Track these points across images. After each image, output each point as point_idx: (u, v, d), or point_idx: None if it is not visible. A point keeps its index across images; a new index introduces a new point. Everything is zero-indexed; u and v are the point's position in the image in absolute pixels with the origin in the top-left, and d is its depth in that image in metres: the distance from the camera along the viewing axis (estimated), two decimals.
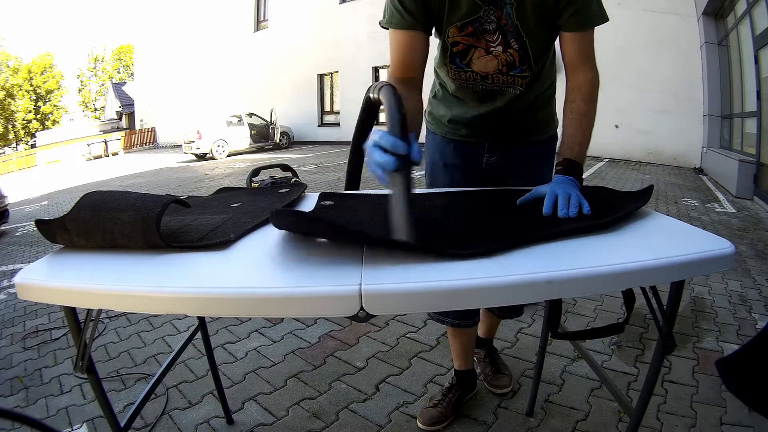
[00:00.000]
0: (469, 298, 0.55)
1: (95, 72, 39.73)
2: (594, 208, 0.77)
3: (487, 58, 0.95)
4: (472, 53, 0.96)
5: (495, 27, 0.91)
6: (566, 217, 0.74)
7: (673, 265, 0.57)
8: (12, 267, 3.49)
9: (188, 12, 17.99)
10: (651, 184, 0.86)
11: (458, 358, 1.39)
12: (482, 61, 0.96)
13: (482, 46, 0.94)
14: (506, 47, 0.94)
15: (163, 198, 0.70)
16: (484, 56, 0.95)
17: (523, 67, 0.97)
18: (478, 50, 0.95)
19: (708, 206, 4.23)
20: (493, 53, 0.94)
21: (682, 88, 6.99)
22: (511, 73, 0.97)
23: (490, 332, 1.55)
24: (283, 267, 0.59)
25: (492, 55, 0.95)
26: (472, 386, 1.43)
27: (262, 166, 1.32)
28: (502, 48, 0.94)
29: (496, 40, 0.93)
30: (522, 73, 0.98)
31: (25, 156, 23.10)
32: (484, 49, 0.94)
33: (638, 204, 0.78)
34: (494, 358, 1.54)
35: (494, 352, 1.57)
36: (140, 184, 8.19)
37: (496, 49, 0.94)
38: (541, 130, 1.15)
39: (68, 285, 0.60)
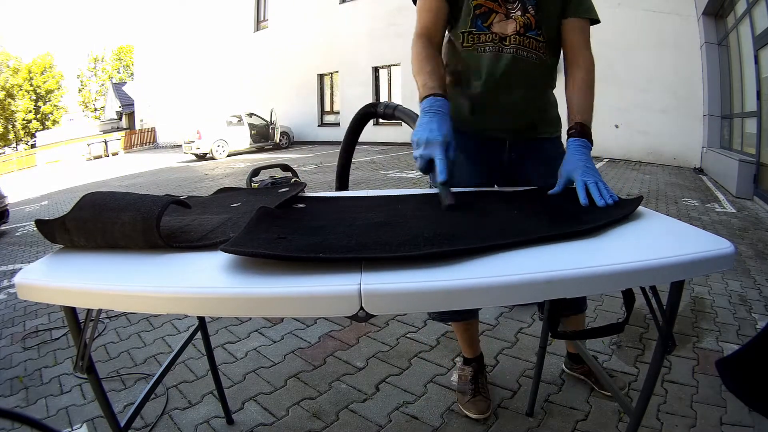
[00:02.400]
0: (469, 298, 0.55)
1: (95, 72, 39.75)
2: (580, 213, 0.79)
3: (507, 21, 1.06)
4: (493, 17, 1.07)
5: None
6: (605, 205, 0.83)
7: (673, 265, 0.58)
8: (12, 267, 3.49)
9: (188, 12, 18.00)
10: (641, 195, 0.89)
11: (470, 347, 1.45)
12: (502, 24, 1.06)
13: (503, 11, 1.06)
14: (524, 12, 1.05)
15: (163, 198, 0.70)
16: (504, 20, 1.06)
17: (538, 30, 1.06)
18: (498, 15, 1.06)
19: (708, 206, 4.23)
20: (513, 17, 1.06)
21: (682, 88, 6.99)
22: (528, 35, 1.06)
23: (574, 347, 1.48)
24: (283, 267, 0.59)
25: (512, 18, 1.06)
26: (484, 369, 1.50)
27: (262, 166, 1.32)
28: (521, 12, 1.05)
29: (516, 6, 1.05)
30: (537, 36, 1.07)
31: (25, 156, 23.11)
32: (504, 14, 1.06)
33: (625, 211, 0.78)
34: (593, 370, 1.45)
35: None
36: (140, 184, 8.19)
37: (515, 13, 1.06)
38: (551, 124, 1.20)
39: (68, 285, 0.60)
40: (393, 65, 11.87)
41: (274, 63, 14.75)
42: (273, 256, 0.59)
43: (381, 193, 1.03)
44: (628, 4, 7.25)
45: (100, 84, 39.31)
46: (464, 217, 0.80)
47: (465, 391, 1.40)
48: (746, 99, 5.38)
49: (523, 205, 0.88)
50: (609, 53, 7.57)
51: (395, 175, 6.48)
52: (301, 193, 1.04)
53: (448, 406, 1.41)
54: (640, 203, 0.83)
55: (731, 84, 6.12)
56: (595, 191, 0.85)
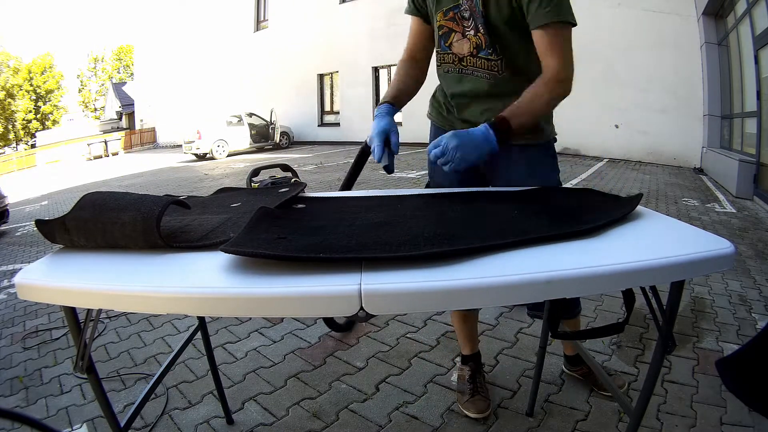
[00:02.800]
0: (468, 298, 0.55)
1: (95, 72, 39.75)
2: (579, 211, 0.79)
3: (463, 41, 1.11)
4: (453, 37, 1.12)
5: (469, 14, 1.07)
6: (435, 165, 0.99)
7: (673, 265, 0.58)
8: (12, 267, 3.49)
9: (188, 12, 17.99)
10: (640, 192, 0.89)
11: (470, 341, 1.45)
12: (459, 44, 1.12)
13: (459, 31, 1.10)
14: (476, 31, 1.08)
15: (163, 198, 0.70)
16: (461, 39, 1.11)
17: (489, 50, 1.08)
18: (456, 34, 1.11)
19: (708, 206, 4.23)
20: (467, 36, 1.10)
21: (682, 88, 6.99)
22: (480, 56, 1.10)
23: (572, 349, 1.50)
24: (283, 267, 0.59)
25: (466, 38, 1.10)
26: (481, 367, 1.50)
27: (262, 166, 1.32)
28: (473, 31, 1.09)
29: (470, 25, 1.08)
30: (488, 55, 1.09)
31: (25, 156, 23.11)
32: (461, 33, 1.10)
33: (625, 210, 0.78)
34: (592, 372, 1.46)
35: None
36: (140, 184, 8.19)
37: (469, 32, 1.09)
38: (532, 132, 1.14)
39: (68, 285, 0.60)
40: (393, 65, 11.78)
41: (274, 63, 14.75)
42: (273, 256, 0.59)
43: (381, 193, 1.03)
44: (628, 4, 7.24)
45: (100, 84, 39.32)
46: (464, 217, 0.80)
47: (464, 390, 1.40)
48: (746, 99, 5.38)
49: (523, 205, 0.88)
50: (609, 53, 7.58)
51: (395, 175, 6.49)
52: (301, 193, 1.04)
53: (448, 406, 1.41)
54: (639, 201, 0.83)
55: (731, 84, 6.12)
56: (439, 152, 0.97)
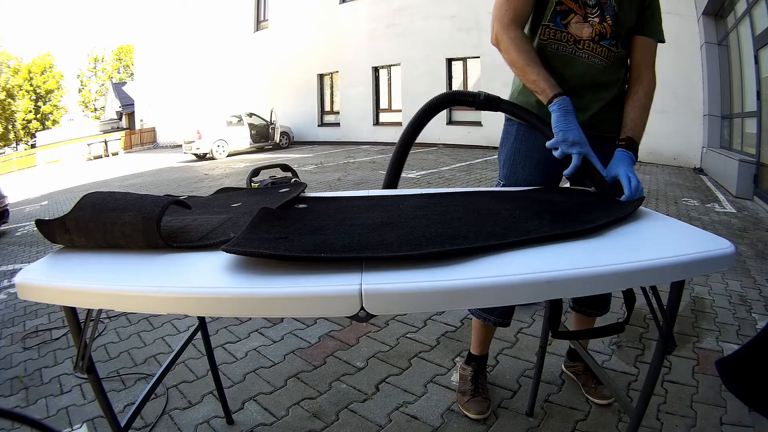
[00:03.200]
0: (469, 298, 0.55)
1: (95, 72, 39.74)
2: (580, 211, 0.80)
3: (584, 24, 1.09)
4: (572, 17, 1.10)
5: (595, 2, 1.08)
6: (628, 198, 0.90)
7: (673, 265, 0.58)
8: (12, 267, 3.49)
9: (188, 12, 17.98)
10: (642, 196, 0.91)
11: (481, 344, 1.45)
12: (579, 26, 1.09)
13: (581, 14, 1.09)
14: (602, 20, 1.08)
15: (164, 198, 0.70)
16: (581, 22, 1.09)
17: (612, 41, 1.09)
18: (577, 16, 1.09)
19: (708, 206, 4.23)
20: (590, 22, 1.09)
21: (682, 88, 6.98)
22: (602, 43, 1.09)
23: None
24: (283, 267, 0.59)
25: (589, 23, 1.09)
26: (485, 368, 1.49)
27: (262, 166, 1.32)
28: (599, 20, 1.08)
29: (595, 12, 1.08)
30: (610, 45, 1.10)
31: (25, 156, 23.09)
32: (582, 17, 1.09)
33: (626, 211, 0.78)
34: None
35: None
36: (140, 184, 8.19)
37: (593, 19, 1.09)
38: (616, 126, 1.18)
39: (68, 285, 0.60)
40: (393, 65, 11.86)
41: (274, 63, 14.74)
42: (274, 256, 0.59)
43: (382, 193, 1.03)
44: None
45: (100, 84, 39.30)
46: (466, 217, 0.80)
47: (465, 391, 1.40)
48: (746, 99, 5.37)
49: (525, 205, 0.88)
50: None
51: None
52: (302, 193, 1.04)
53: (448, 406, 1.41)
54: (641, 203, 0.83)
55: (731, 84, 6.12)
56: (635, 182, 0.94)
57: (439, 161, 7.86)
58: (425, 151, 9.51)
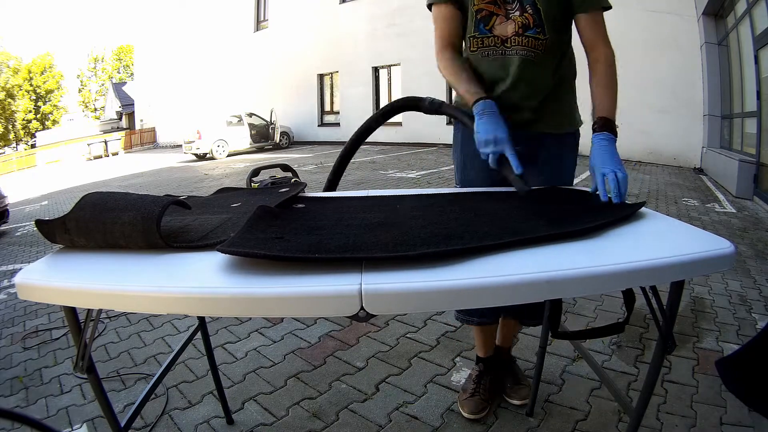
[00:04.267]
0: (469, 298, 0.55)
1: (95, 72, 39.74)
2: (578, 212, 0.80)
3: (506, 22, 1.09)
4: (494, 20, 1.10)
5: None
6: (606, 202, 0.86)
7: (673, 265, 0.57)
8: (12, 267, 3.49)
9: (188, 12, 17.98)
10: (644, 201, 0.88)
11: (482, 347, 1.44)
12: (502, 26, 1.09)
13: (502, 14, 1.08)
14: (522, 11, 1.07)
15: (164, 199, 0.70)
16: (504, 22, 1.09)
17: (537, 29, 1.07)
18: (499, 17, 1.09)
19: (708, 206, 4.23)
20: (512, 17, 1.08)
21: (682, 88, 6.99)
22: (527, 34, 1.08)
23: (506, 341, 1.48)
24: (283, 267, 0.59)
25: (511, 19, 1.08)
26: (498, 366, 1.46)
27: (262, 166, 1.32)
28: (519, 12, 1.07)
29: (515, 7, 1.07)
30: (536, 34, 1.08)
31: (25, 156, 23.10)
32: (504, 15, 1.08)
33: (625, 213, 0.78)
34: (513, 368, 1.48)
35: (512, 362, 1.50)
36: (140, 184, 8.19)
37: (514, 14, 1.08)
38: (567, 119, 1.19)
39: (68, 285, 0.60)
40: (393, 65, 11.87)
41: (274, 63, 14.74)
42: (269, 257, 0.59)
43: (380, 194, 1.03)
44: (628, 4, 7.23)
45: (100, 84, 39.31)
46: (462, 217, 0.80)
47: (466, 388, 1.41)
48: (746, 99, 5.38)
49: (523, 205, 0.88)
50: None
51: (395, 175, 6.49)
52: (302, 193, 1.04)
53: (448, 406, 1.41)
54: (641, 207, 0.83)
55: (731, 84, 6.12)
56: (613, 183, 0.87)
57: (439, 161, 7.86)
58: (425, 151, 9.51)
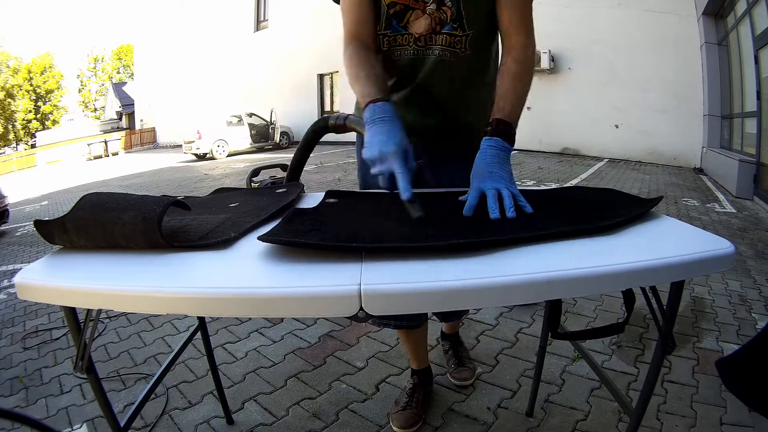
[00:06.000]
0: (468, 298, 0.55)
1: (95, 72, 39.77)
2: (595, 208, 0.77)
3: (422, 18, 0.96)
4: (410, 15, 0.96)
5: None
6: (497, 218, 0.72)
7: (673, 265, 0.57)
8: (12, 267, 3.49)
9: (188, 12, 17.99)
10: (661, 195, 0.84)
11: (414, 357, 1.41)
12: (417, 23, 0.96)
13: (420, 8, 0.95)
14: (440, 5, 0.95)
15: (164, 199, 0.70)
16: (421, 17, 0.96)
17: (454, 24, 0.95)
18: (415, 12, 0.96)
19: (708, 206, 4.23)
20: (428, 12, 0.95)
21: (682, 88, 6.99)
22: (443, 31, 0.96)
23: (450, 328, 1.59)
24: (283, 267, 0.59)
25: (427, 14, 0.96)
26: (431, 382, 1.47)
27: (262, 166, 1.32)
28: (436, 6, 0.95)
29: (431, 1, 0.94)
30: (453, 30, 0.96)
31: (25, 156, 23.11)
32: (422, 10, 0.96)
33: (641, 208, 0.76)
34: (458, 351, 1.56)
35: (459, 345, 1.59)
36: (140, 184, 8.19)
37: (430, 7, 0.95)
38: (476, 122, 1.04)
39: (68, 285, 0.60)
40: None
41: (274, 63, 14.75)
42: (307, 245, 0.62)
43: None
44: (628, 4, 7.24)
45: (100, 84, 39.34)
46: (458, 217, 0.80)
47: (399, 401, 1.39)
48: (746, 99, 5.38)
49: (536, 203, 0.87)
50: (609, 53, 7.57)
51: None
52: (301, 193, 1.04)
53: (448, 406, 1.41)
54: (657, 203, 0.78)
55: (731, 84, 6.12)
56: (492, 201, 0.74)
57: None
58: None
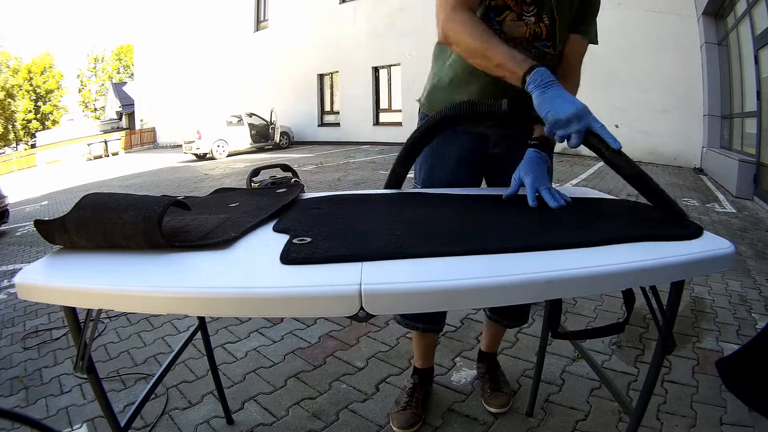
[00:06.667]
0: (468, 298, 0.55)
1: (95, 72, 39.75)
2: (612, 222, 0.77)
3: (518, 23, 1.00)
4: (506, 15, 1.00)
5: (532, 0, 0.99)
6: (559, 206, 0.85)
7: (673, 265, 0.57)
8: (12, 267, 3.49)
9: (188, 12, 17.98)
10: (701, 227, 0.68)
11: (421, 357, 1.41)
12: (513, 25, 1.00)
13: (516, 11, 1.00)
14: (538, 20, 1.00)
15: (164, 199, 0.70)
16: (516, 21, 1.00)
17: (548, 42, 1.02)
18: (512, 13, 1.00)
19: (708, 206, 4.23)
20: (525, 21, 1.00)
21: (682, 88, 6.98)
22: (536, 44, 1.01)
23: (492, 346, 1.48)
24: (283, 267, 0.59)
25: (523, 21, 1.00)
26: (432, 382, 1.46)
27: (262, 166, 1.32)
28: (535, 19, 1.00)
29: (531, 11, 1.00)
30: (546, 48, 1.02)
31: (25, 156, 23.10)
32: (518, 14, 1.00)
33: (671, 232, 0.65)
34: (495, 375, 1.45)
35: (496, 368, 1.48)
36: (140, 184, 8.19)
37: (529, 18, 1.00)
38: None
39: (68, 285, 0.60)
40: (393, 65, 11.86)
41: (274, 63, 14.74)
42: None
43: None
44: (628, 4, 7.24)
45: (100, 84, 39.32)
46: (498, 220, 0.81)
47: (399, 400, 1.38)
48: (746, 99, 5.38)
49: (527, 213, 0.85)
50: (609, 53, 7.56)
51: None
52: (302, 193, 1.04)
53: (448, 406, 1.41)
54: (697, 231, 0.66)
55: (731, 84, 6.12)
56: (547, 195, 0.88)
57: None
58: None
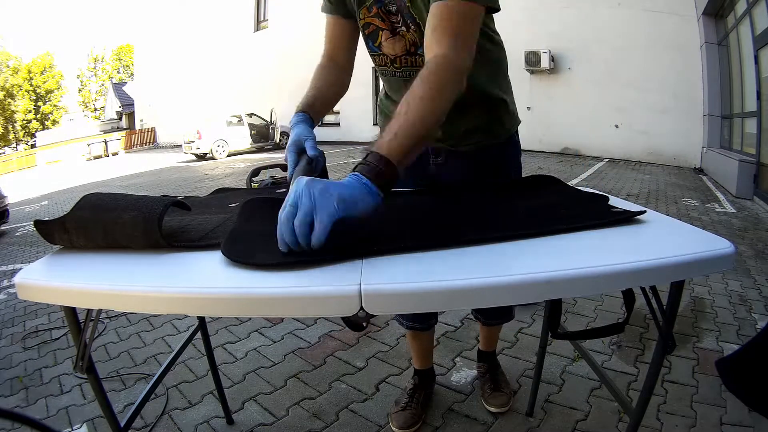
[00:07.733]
0: (468, 298, 0.55)
1: (95, 72, 39.78)
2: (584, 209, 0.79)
3: (394, 39, 0.95)
4: (381, 36, 0.96)
5: (396, 9, 0.92)
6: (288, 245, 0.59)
7: (673, 265, 0.57)
8: (12, 267, 3.49)
9: (188, 12, 17.99)
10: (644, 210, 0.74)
11: (418, 358, 1.41)
12: (390, 43, 0.96)
13: (388, 28, 0.95)
14: (408, 27, 0.93)
15: (164, 199, 0.70)
16: (391, 37, 0.95)
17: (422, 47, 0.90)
18: (384, 32, 0.95)
19: (708, 206, 4.23)
20: (400, 33, 0.94)
21: (682, 88, 6.98)
22: (419, 52, 0.93)
23: (487, 344, 1.47)
24: (283, 267, 0.59)
25: (399, 35, 0.94)
26: (433, 383, 1.46)
27: (262, 166, 1.32)
28: (406, 28, 0.93)
29: (399, 20, 0.93)
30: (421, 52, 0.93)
31: (25, 156, 23.13)
32: (390, 30, 0.95)
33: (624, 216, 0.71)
34: (495, 375, 1.45)
35: (496, 368, 1.47)
36: (140, 184, 8.19)
37: (401, 28, 0.93)
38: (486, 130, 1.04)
39: (68, 285, 0.60)
40: None
41: (274, 63, 14.74)
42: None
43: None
44: (627, 4, 7.24)
45: (100, 84, 39.34)
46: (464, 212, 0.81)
47: (399, 401, 1.38)
48: (746, 99, 5.38)
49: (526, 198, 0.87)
50: (609, 53, 7.57)
51: None
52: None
53: (448, 406, 1.41)
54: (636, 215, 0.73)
55: (731, 84, 6.12)
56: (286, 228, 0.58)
57: None
58: None
